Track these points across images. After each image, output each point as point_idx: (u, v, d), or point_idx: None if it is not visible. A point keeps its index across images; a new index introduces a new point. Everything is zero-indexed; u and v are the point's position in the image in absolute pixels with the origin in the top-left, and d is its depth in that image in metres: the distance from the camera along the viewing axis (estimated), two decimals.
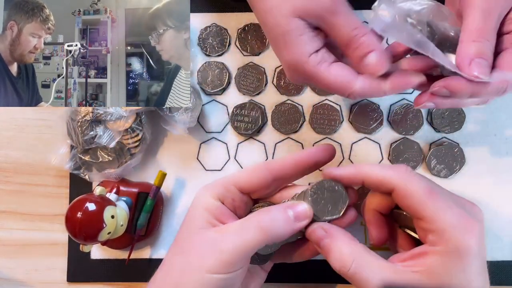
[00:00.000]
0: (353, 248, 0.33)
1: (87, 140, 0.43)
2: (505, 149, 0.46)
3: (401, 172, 0.33)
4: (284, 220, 0.34)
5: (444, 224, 0.30)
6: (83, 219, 0.38)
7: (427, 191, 0.32)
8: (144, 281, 0.47)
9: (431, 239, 0.31)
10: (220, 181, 0.36)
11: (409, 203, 0.32)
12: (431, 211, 0.31)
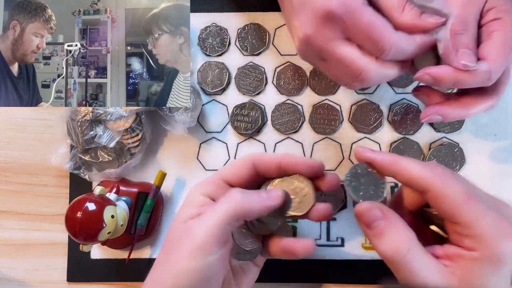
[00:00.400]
0: (410, 236, 0.32)
1: (87, 140, 0.43)
2: (505, 149, 0.46)
3: (439, 173, 0.31)
4: (256, 196, 0.34)
5: (482, 230, 0.29)
6: (83, 219, 0.38)
7: (465, 195, 0.30)
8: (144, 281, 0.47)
9: (467, 244, 0.30)
10: (210, 178, 0.37)
11: (445, 206, 0.31)
12: (468, 216, 0.30)
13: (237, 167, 0.37)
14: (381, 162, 0.33)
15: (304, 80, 0.47)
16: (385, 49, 0.33)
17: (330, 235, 0.46)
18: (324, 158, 0.47)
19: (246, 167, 0.36)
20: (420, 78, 0.34)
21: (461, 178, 0.32)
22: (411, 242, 0.31)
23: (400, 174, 0.32)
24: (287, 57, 0.48)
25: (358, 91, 0.47)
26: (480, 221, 0.30)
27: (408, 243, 0.31)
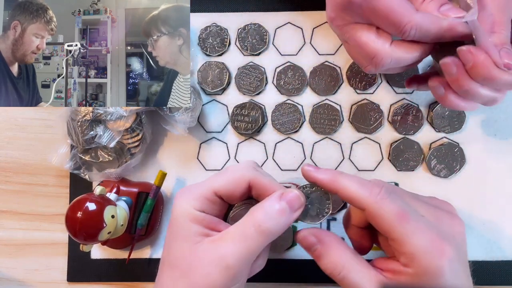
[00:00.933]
0: (343, 255, 0.34)
1: (87, 140, 0.43)
2: (505, 149, 0.46)
3: (374, 194, 0.33)
4: (280, 214, 0.33)
5: (413, 248, 0.31)
6: (83, 218, 0.38)
7: (397, 214, 0.32)
8: (144, 281, 0.47)
9: (403, 261, 0.32)
10: (201, 189, 0.35)
11: (379, 225, 0.32)
12: (400, 234, 0.31)
13: (234, 184, 0.35)
14: (322, 181, 0.35)
15: (304, 80, 0.47)
16: (405, 30, 0.33)
17: None
18: (324, 158, 0.47)
19: (242, 187, 0.35)
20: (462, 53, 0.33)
21: (397, 197, 0.33)
22: (345, 260, 0.33)
23: (339, 192, 0.34)
24: (287, 57, 0.48)
25: (358, 91, 0.47)
26: (412, 240, 0.31)
27: (342, 261, 0.33)
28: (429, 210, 0.34)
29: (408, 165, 0.46)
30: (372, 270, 0.33)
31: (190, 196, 0.34)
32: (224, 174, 0.35)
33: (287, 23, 0.48)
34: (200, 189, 0.35)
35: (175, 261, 0.34)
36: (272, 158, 0.47)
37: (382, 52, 0.35)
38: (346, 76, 0.47)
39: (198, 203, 0.34)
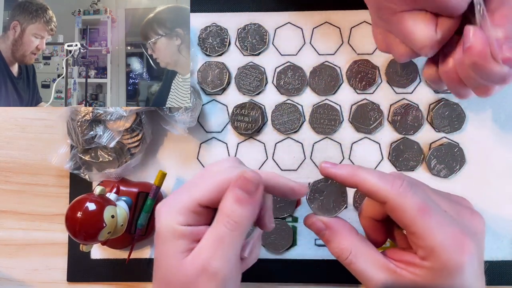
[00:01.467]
0: (351, 240, 0.35)
1: (87, 140, 0.43)
2: (505, 149, 0.46)
3: (396, 187, 0.32)
4: (239, 203, 0.31)
5: (433, 242, 0.31)
6: (83, 218, 0.38)
7: (420, 208, 0.31)
8: (144, 281, 0.47)
9: (420, 254, 0.32)
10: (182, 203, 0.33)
11: (400, 218, 0.32)
12: (421, 228, 0.31)
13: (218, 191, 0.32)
14: (341, 176, 0.35)
15: (304, 80, 0.47)
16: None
17: None
18: (324, 158, 0.47)
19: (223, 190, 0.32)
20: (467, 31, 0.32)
21: (420, 190, 0.33)
22: (353, 245, 0.34)
23: (359, 186, 0.34)
24: (287, 57, 0.48)
25: (358, 91, 0.47)
26: (433, 234, 0.31)
27: (349, 246, 0.34)
28: (450, 205, 0.34)
29: (408, 165, 0.46)
30: (381, 257, 0.34)
31: (172, 210, 0.33)
32: (206, 180, 0.33)
33: (287, 23, 0.48)
34: (183, 201, 0.33)
35: (165, 279, 0.33)
36: (272, 158, 0.47)
37: (433, 40, 0.34)
38: (346, 76, 0.47)
39: (182, 218, 0.32)
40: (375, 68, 0.47)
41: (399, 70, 0.47)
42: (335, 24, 0.48)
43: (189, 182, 0.35)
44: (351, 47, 0.48)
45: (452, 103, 0.46)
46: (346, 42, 0.48)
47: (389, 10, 0.35)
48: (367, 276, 0.33)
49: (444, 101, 0.46)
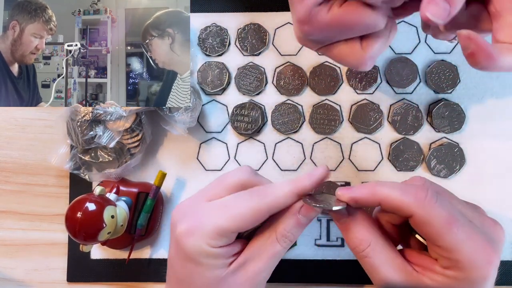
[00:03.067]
0: (372, 232, 0.33)
1: (87, 140, 0.43)
2: (505, 149, 0.46)
3: (421, 198, 0.31)
4: (300, 226, 0.34)
5: (461, 257, 0.30)
6: (83, 219, 0.38)
7: (447, 221, 0.30)
8: (144, 281, 0.47)
9: (444, 264, 0.31)
10: (211, 228, 0.33)
11: (427, 231, 0.31)
12: (449, 242, 0.30)
13: (254, 221, 0.33)
14: (361, 199, 0.32)
15: (304, 80, 0.47)
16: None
17: (330, 235, 0.46)
18: (324, 158, 0.47)
19: (261, 218, 0.34)
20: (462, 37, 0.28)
21: (445, 200, 0.31)
22: (373, 239, 0.33)
23: (382, 204, 0.32)
24: (287, 57, 0.48)
25: (357, 91, 0.47)
26: (461, 248, 0.30)
27: (369, 239, 0.32)
28: (474, 214, 0.32)
29: (408, 165, 0.46)
30: (400, 257, 0.32)
31: (201, 235, 0.33)
32: (239, 207, 0.33)
33: (287, 23, 0.48)
34: (211, 227, 0.33)
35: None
36: (272, 158, 0.47)
37: (366, 58, 0.33)
38: (345, 76, 0.47)
39: (214, 242, 0.33)
40: (375, 68, 0.47)
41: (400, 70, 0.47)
42: None
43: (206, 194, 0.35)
44: None
45: (452, 103, 0.46)
46: None
47: (313, 46, 0.35)
48: (381, 273, 0.32)
49: (444, 101, 0.46)
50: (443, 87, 0.46)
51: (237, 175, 0.36)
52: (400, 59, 0.47)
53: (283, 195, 0.33)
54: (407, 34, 0.48)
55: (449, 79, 0.46)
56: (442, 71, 0.46)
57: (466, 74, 0.47)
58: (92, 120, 0.43)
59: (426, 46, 0.47)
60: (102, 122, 0.43)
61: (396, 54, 0.47)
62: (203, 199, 0.35)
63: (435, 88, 0.47)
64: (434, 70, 0.46)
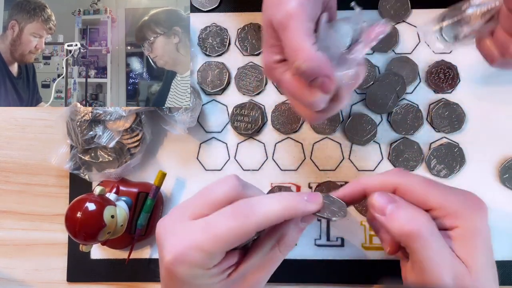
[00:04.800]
0: (422, 213, 0.33)
1: (86, 140, 0.43)
2: (505, 149, 0.46)
3: (398, 172, 0.35)
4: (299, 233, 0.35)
5: (455, 207, 0.32)
6: (83, 219, 0.38)
7: (427, 182, 0.33)
8: (144, 281, 0.47)
9: (449, 224, 0.32)
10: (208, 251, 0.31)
11: (414, 196, 0.33)
12: (438, 198, 0.32)
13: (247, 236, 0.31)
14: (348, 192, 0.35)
15: None
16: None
17: (330, 235, 0.46)
18: (324, 158, 0.47)
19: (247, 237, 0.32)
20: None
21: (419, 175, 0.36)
22: (425, 218, 0.32)
23: (367, 188, 0.35)
24: None
25: (357, 91, 0.47)
26: (450, 199, 0.33)
27: (422, 218, 0.32)
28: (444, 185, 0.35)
29: (408, 165, 0.46)
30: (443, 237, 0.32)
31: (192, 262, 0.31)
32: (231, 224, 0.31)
33: None
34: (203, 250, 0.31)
35: None
36: (272, 158, 0.47)
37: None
38: None
39: (205, 264, 0.31)
40: (374, 68, 0.47)
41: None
42: None
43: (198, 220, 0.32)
44: None
45: (452, 103, 0.46)
46: None
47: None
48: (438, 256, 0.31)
49: (444, 101, 0.46)
50: (443, 87, 0.46)
51: (222, 189, 0.33)
52: (400, 59, 0.47)
53: (273, 215, 0.31)
54: (407, 34, 0.48)
55: (449, 79, 0.46)
56: (442, 71, 0.46)
57: (466, 74, 0.47)
58: (92, 120, 0.43)
59: (426, 46, 0.47)
60: (102, 122, 0.43)
61: (396, 54, 0.47)
62: (186, 215, 0.33)
63: (435, 88, 0.47)
64: (434, 70, 0.46)
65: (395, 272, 0.44)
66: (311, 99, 0.34)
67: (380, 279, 0.45)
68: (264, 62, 0.37)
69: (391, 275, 0.45)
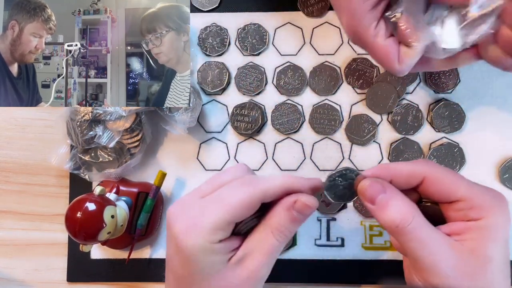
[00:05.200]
0: (413, 206, 0.33)
1: (86, 140, 0.43)
2: (505, 149, 0.46)
3: (427, 163, 0.34)
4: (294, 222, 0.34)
5: (482, 201, 0.32)
6: (83, 219, 0.38)
7: (455, 176, 0.33)
8: (144, 281, 0.47)
9: (473, 215, 0.32)
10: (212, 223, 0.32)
11: (442, 187, 0.33)
12: (467, 190, 0.32)
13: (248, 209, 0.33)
14: (377, 174, 0.34)
15: (304, 80, 0.47)
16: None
17: (330, 235, 0.46)
18: (324, 158, 0.47)
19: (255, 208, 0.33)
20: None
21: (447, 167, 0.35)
22: (415, 211, 0.32)
23: (395, 176, 0.34)
24: (287, 57, 0.48)
25: (357, 91, 0.47)
26: (478, 193, 0.33)
27: (412, 211, 0.32)
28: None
29: None
30: (439, 231, 0.32)
31: (202, 230, 0.32)
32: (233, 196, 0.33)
33: (287, 23, 0.48)
34: (212, 220, 0.32)
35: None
36: (272, 158, 0.47)
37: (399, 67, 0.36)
38: (344, 74, 0.47)
39: (214, 236, 0.32)
40: (374, 68, 0.47)
41: None
42: (335, 24, 0.48)
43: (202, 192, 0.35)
44: (351, 47, 0.48)
45: (452, 103, 0.46)
46: (346, 42, 0.48)
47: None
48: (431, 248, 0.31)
49: (444, 101, 0.46)
50: (443, 87, 0.46)
51: (232, 173, 0.35)
52: None
53: (275, 185, 0.33)
54: None
55: (449, 79, 0.46)
56: (442, 71, 0.46)
57: (466, 74, 0.47)
58: (92, 120, 0.43)
59: None
60: (102, 122, 0.43)
61: None
62: (198, 196, 0.34)
63: (435, 88, 0.46)
64: None
65: (395, 272, 0.44)
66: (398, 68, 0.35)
67: (380, 279, 0.45)
68: (354, 28, 0.35)
69: (391, 275, 0.45)
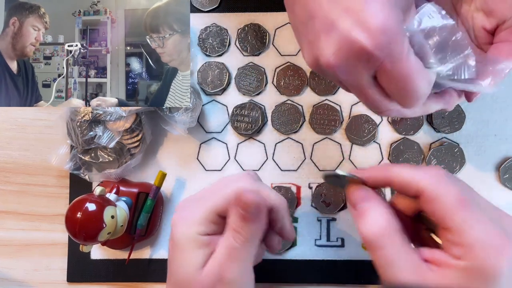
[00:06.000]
0: (392, 223, 0.30)
1: (86, 140, 0.43)
2: (505, 149, 0.46)
3: (432, 175, 0.29)
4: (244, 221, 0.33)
5: (471, 239, 0.27)
6: (83, 219, 0.38)
7: (458, 199, 0.28)
8: (144, 281, 0.47)
9: (455, 252, 0.28)
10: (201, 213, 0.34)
11: (436, 210, 0.29)
12: (459, 222, 0.28)
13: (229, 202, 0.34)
14: (374, 176, 0.32)
15: (304, 80, 0.47)
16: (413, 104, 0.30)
17: (330, 236, 0.46)
18: (324, 158, 0.47)
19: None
20: None
21: (458, 181, 0.30)
22: (391, 229, 0.30)
23: (393, 180, 0.31)
24: (287, 57, 0.48)
25: None
26: (471, 229, 0.27)
27: (388, 228, 0.29)
28: (489, 205, 0.30)
29: None
30: (415, 253, 0.29)
31: (192, 220, 0.34)
32: (222, 190, 0.34)
33: (287, 23, 0.48)
34: (201, 211, 0.34)
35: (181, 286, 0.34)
36: (272, 159, 0.47)
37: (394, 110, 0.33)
38: None
39: (202, 228, 0.33)
40: None
41: None
42: None
43: (205, 191, 0.36)
44: None
45: None
46: None
47: None
48: (395, 269, 0.29)
49: None
50: None
51: (238, 184, 0.35)
52: None
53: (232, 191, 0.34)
54: None
55: None
56: None
57: None
58: (92, 120, 0.43)
59: None
60: (102, 122, 0.43)
61: None
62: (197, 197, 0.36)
63: None
64: None
65: None
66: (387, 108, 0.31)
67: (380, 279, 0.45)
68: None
69: None
